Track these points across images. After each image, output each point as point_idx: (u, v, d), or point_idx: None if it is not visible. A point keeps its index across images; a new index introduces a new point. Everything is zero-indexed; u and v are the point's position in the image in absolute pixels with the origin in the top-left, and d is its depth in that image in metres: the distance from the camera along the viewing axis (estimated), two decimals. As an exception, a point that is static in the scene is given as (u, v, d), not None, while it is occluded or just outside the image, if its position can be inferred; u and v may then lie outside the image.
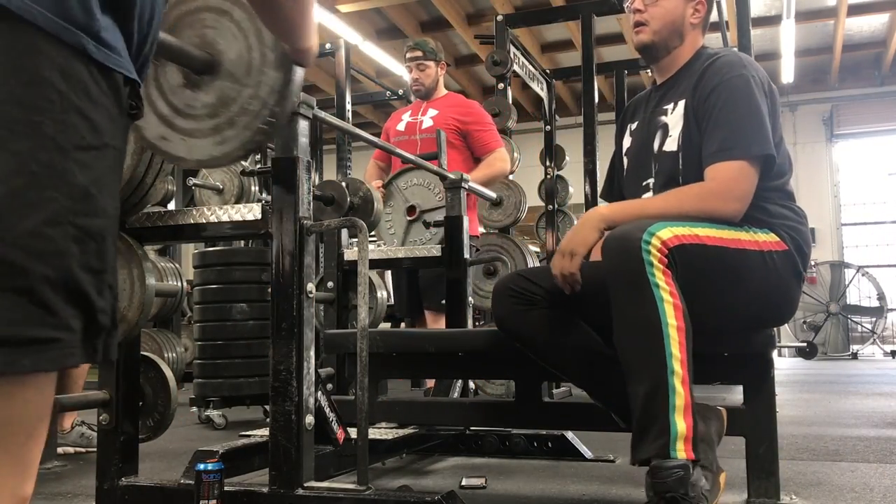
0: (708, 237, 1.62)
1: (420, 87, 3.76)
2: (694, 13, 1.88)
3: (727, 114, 1.73)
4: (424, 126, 3.67)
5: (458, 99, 3.86)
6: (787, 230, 1.74)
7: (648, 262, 1.51)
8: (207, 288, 3.68)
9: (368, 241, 1.63)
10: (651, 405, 1.48)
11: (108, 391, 1.70)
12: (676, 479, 1.43)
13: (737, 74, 1.76)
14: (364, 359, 1.52)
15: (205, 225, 1.72)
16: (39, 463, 1.75)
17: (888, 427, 3.24)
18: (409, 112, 3.82)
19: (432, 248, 2.74)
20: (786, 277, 1.72)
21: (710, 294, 1.64)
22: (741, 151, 1.69)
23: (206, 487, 1.51)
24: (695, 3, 1.88)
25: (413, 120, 3.74)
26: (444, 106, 3.73)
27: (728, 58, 1.82)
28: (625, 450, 2.65)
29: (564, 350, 1.77)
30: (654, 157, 1.87)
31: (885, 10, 8.89)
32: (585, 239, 1.67)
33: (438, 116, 3.67)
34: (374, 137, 2.24)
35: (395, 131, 3.75)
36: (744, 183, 1.70)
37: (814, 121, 11.11)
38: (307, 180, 1.61)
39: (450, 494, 1.50)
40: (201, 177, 4.36)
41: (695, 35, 1.90)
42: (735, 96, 1.74)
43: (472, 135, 3.66)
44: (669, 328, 1.49)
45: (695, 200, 1.69)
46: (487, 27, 8.02)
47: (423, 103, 3.79)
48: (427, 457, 2.60)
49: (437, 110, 3.70)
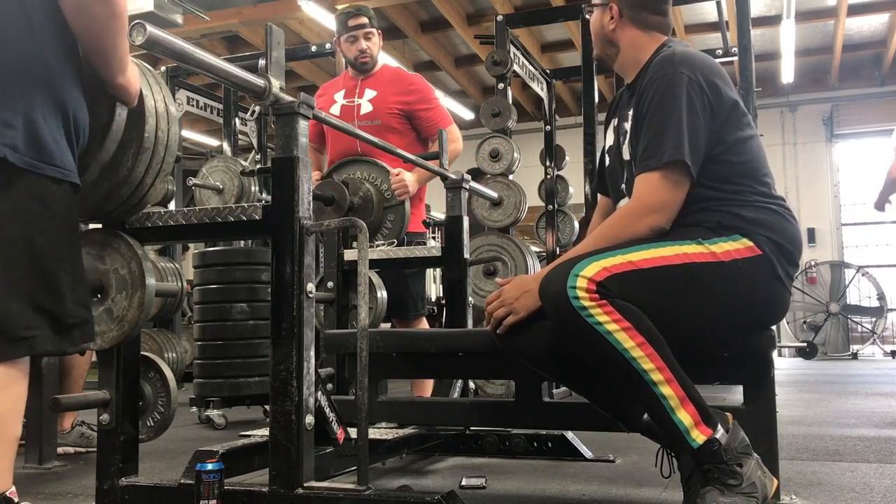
0: (644, 260, 1.60)
1: (368, 58, 3.27)
2: (610, 18, 1.90)
3: (648, 120, 1.71)
4: (364, 111, 3.22)
5: (395, 73, 3.40)
6: (763, 233, 1.68)
7: (580, 308, 1.53)
8: (207, 288, 3.68)
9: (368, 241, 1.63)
10: (655, 416, 1.57)
11: (108, 391, 1.69)
12: (708, 453, 1.52)
13: (662, 75, 1.72)
14: (364, 359, 1.52)
15: (205, 225, 1.72)
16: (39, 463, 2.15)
17: (888, 427, 3.24)
18: (341, 92, 3.32)
19: (432, 249, 2.74)
20: (761, 281, 1.67)
21: (667, 315, 1.59)
22: (656, 161, 1.66)
23: (206, 487, 1.51)
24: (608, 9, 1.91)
25: (349, 103, 3.26)
26: (382, 84, 3.27)
27: (662, 57, 1.77)
28: (625, 450, 2.66)
29: (566, 361, 1.75)
30: (624, 162, 1.85)
31: (885, 10, 8.89)
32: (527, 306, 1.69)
33: (378, 99, 3.22)
34: (373, 137, 2.24)
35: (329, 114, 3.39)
36: (659, 194, 1.66)
37: (814, 121, 11.10)
38: (307, 180, 1.61)
39: (450, 494, 1.50)
40: (201, 177, 4.36)
41: (631, 37, 1.88)
42: (655, 100, 1.71)
43: (416, 115, 3.25)
44: (629, 352, 1.52)
45: (615, 227, 1.69)
46: (487, 27, 8.02)
47: (358, 80, 3.30)
48: (427, 457, 2.60)
49: (376, 91, 3.25)
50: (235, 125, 5.35)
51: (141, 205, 1.70)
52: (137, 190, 1.65)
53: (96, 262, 1.68)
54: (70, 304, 1.45)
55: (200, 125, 10.60)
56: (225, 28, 8.33)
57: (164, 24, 5.27)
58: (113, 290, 1.67)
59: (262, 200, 4.28)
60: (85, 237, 1.71)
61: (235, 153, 5.30)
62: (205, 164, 4.46)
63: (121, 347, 1.69)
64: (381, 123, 3.19)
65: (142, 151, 1.60)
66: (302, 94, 1.64)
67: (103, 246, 1.69)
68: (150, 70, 1.67)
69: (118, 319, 1.66)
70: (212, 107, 5.76)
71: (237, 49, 9.08)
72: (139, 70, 1.60)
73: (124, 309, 1.66)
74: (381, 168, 2.84)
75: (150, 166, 1.63)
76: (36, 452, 2.64)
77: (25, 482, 2.38)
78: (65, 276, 1.45)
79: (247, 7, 7.78)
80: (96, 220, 1.74)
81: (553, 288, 1.58)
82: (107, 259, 1.68)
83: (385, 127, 3.18)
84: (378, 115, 3.22)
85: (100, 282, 1.67)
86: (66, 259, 1.47)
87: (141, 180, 1.64)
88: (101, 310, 1.67)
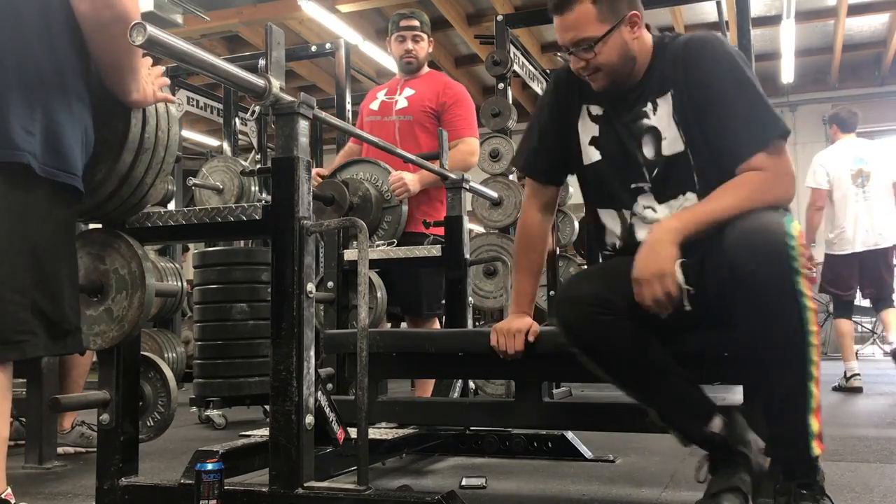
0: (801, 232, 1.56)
1: (413, 59, 3.37)
2: (632, 29, 1.75)
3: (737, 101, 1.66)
4: (399, 107, 3.31)
5: (439, 77, 3.50)
6: None
7: (796, 271, 1.46)
8: (207, 288, 3.68)
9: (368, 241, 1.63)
10: (788, 408, 1.52)
11: (108, 391, 1.69)
12: (810, 467, 1.54)
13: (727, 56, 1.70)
14: (364, 359, 1.52)
15: (205, 225, 1.72)
16: (39, 463, 2.17)
17: (888, 427, 3.24)
18: (384, 90, 3.45)
19: (432, 249, 2.74)
20: None
21: None
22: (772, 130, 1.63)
23: (206, 487, 1.51)
24: (628, 22, 1.74)
25: (388, 99, 3.37)
26: (421, 84, 3.37)
27: (706, 41, 1.74)
28: (625, 450, 2.66)
29: (638, 364, 1.67)
30: (648, 162, 1.77)
31: (885, 10, 8.88)
32: (670, 255, 1.55)
33: (414, 97, 3.32)
34: (373, 138, 2.24)
35: (369, 110, 3.39)
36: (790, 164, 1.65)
37: (814, 121, 11.09)
38: (307, 180, 1.61)
39: (450, 494, 1.50)
40: (201, 177, 4.36)
41: (641, 41, 1.77)
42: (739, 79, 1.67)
43: (443, 116, 3.28)
44: (811, 336, 1.48)
45: (763, 191, 1.59)
46: (487, 27, 8.02)
47: (402, 80, 3.42)
48: (427, 457, 2.60)
49: (414, 90, 3.35)
50: (235, 125, 5.35)
51: (141, 205, 1.70)
52: (137, 190, 1.65)
53: (96, 262, 1.68)
54: (68, 310, 1.47)
55: (200, 125, 10.59)
56: (225, 28, 8.33)
57: (164, 24, 5.27)
58: (113, 290, 1.67)
59: (262, 200, 4.28)
60: (85, 237, 1.71)
61: (235, 153, 5.30)
62: (205, 164, 4.46)
63: (121, 347, 1.69)
64: (413, 119, 3.26)
65: (142, 151, 1.60)
66: (302, 94, 1.64)
67: (103, 246, 1.69)
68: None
69: (118, 319, 1.66)
70: (212, 107, 5.77)
71: (237, 49, 9.07)
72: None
73: (124, 309, 1.66)
74: (381, 168, 2.85)
75: (150, 166, 1.63)
76: (36, 452, 2.64)
77: (25, 482, 2.38)
78: (66, 282, 1.48)
79: (247, 7, 7.78)
80: (96, 220, 1.74)
81: (770, 236, 1.47)
82: (107, 259, 1.68)
83: (416, 123, 3.26)
84: (411, 111, 3.28)
85: (100, 282, 1.67)
86: (66, 265, 1.49)
87: (141, 180, 1.64)
88: (101, 310, 1.67)
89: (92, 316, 1.67)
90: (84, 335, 1.68)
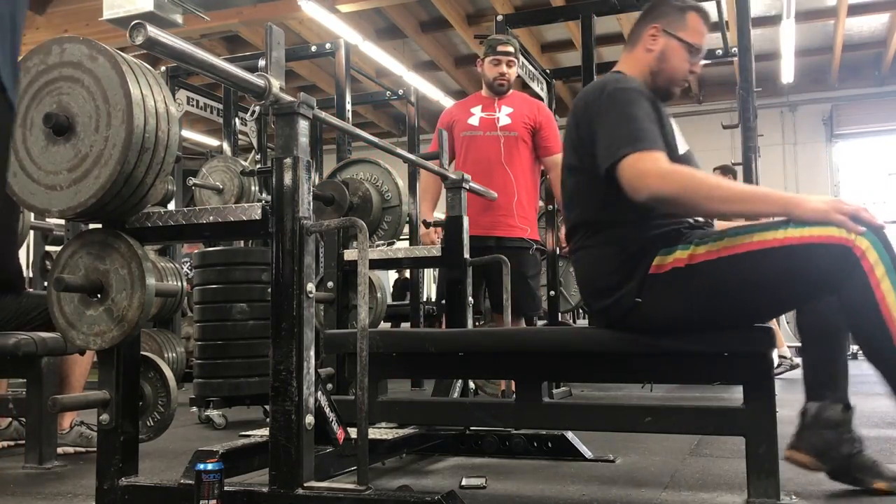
0: None
1: (505, 81, 3.74)
2: (650, 41, 2.03)
3: None
4: (503, 123, 3.70)
5: (526, 97, 3.90)
6: None
7: None
8: (207, 288, 3.68)
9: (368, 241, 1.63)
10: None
11: (108, 391, 1.69)
12: None
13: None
14: (364, 359, 1.52)
15: (205, 225, 1.72)
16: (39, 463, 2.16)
17: (888, 427, 3.24)
18: (479, 106, 3.79)
19: (432, 249, 2.74)
20: None
21: None
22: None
23: (206, 487, 1.51)
24: (647, 38, 2.03)
25: (488, 116, 3.73)
26: (517, 103, 3.77)
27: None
28: (625, 450, 2.66)
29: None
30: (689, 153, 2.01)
31: (885, 10, 8.89)
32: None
33: (515, 114, 3.71)
34: (373, 138, 2.23)
35: (467, 125, 3.73)
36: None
37: (814, 121, 11.11)
38: (307, 180, 1.61)
39: (450, 494, 1.50)
40: (201, 177, 4.36)
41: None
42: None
43: (540, 134, 3.72)
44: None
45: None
46: (487, 27, 8.02)
47: (494, 100, 3.77)
48: (427, 457, 2.60)
49: (512, 108, 3.74)
50: (235, 125, 5.36)
51: (141, 205, 1.70)
52: (137, 190, 1.65)
53: (96, 262, 1.68)
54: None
55: (200, 125, 10.60)
56: (225, 28, 8.34)
57: (164, 24, 5.28)
58: (113, 290, 1.67)
59: (262, 200, 4.29)
60: (85, 237, 1.71)
61: (235, 153, 5.30)
62: (205, 164, 4.46)
63: (121, 347, 1.69)
64: (517, 135, 3.69)
65: (142, 151, 1.60)
66: (302, 94, 1.64)
67: (103, 246, 1.69)
68: (150, 70, 1.67)
69: (118, 319, 1.66)
70: (212, 107, 5.77)
71: (237, 49, 9.08)
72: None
73: (124, 309, 1.66)
74: (382, 169, 2.85)
75: (150, 166, 1.63)
76: (36, 452, 2.63)
77: (25, 482, 2.38)
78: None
79: (247, 7, 7.77)
80: (96, 220, 1.74)
81: None
82: (107, 259, 1.68)
83: (519, 138, 3.69)
84: (515, 127, 3.70)
85: (100, 282, 1.67)
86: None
87: (141, 180, 1.64)
88: (101, 310, 1.67)
89: (92, 316, 1.67)
90: (84, 335, 1.68)
